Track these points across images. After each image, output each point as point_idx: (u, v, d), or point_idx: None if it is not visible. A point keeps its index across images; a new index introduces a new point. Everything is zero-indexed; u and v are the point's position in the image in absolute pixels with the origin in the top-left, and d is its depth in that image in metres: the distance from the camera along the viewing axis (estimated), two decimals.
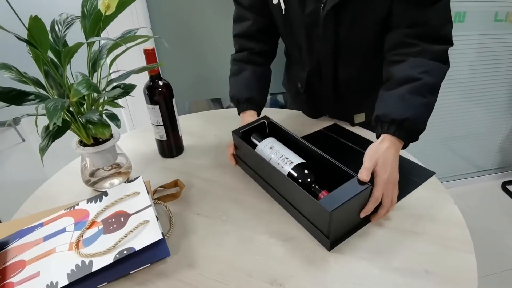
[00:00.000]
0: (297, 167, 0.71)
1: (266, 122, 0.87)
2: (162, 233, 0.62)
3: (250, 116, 0.92)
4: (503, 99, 1.89)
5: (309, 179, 0.68)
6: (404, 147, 0.75)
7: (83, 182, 0.83)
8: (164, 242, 0.62)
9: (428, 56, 0.74)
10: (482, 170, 2.12)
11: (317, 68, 0.95)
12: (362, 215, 0.67)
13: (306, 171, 0.70)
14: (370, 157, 0.68)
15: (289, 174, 0.70)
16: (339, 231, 0.66)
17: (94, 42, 0.67)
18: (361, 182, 0.65)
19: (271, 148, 0.77)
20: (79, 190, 0.84)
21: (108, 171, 0.83)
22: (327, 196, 0.63)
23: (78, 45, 0.64)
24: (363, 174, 0.66)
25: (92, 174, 0.83)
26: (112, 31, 1.18)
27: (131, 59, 1.04)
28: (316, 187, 0.67)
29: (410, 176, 0.81)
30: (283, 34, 0.98)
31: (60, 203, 0.80)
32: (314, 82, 1.00)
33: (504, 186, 2.05)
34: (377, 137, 0.74)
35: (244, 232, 0.69)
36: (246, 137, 0.84)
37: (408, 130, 0.71)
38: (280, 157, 0.74)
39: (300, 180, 0.68)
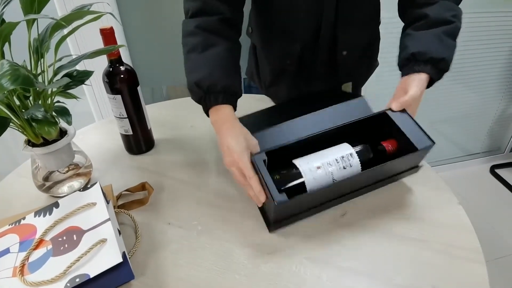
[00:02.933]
0: (361, 152, 0.64)
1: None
2: (124, 253, 0.52)
3: (225, 115, 0.66)
4: (494, 80, 1.83)
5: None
6: None
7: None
8: (127, 264, 0.51)
9: None
10: (470, 154, 2.08)
11: (314, 36, 0.85)
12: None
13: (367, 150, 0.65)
14: (417, 87, 0.67)
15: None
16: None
17: (32, 22, 0.55)
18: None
19: (318, 168, 0.61)
20: (35, 195, 0.72)
21: (64, 173, 0.71)
22: None
23: (11, 25, 0.51)
24: (399, 105, 0.66)
25: (46, 178, 0.71)
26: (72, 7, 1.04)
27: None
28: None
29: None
30: None
31: (12, 211, 0.68)
32: (307, 56, 0.89)
33: (492, 170, 2.02)
34: (404, 75, 0.71)
35: (224, 245, 0.59)
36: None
37: (441, 70, 0.70)
38: (336, 161, 0.62)
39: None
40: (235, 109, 0.68)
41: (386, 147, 0.64)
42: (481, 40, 1.68)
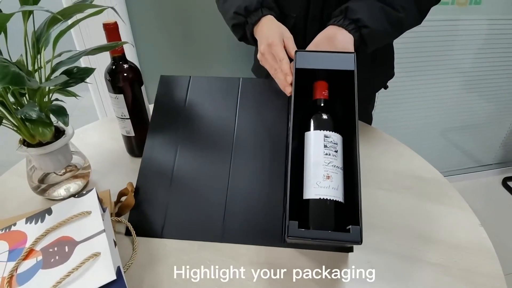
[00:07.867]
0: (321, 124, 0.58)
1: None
2: (119, 268, 0.48)
3: (266, 20, 0.71)
4: (509, 89, 1.77)
5: None
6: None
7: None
8: (121, 281, 0.47)
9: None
10: (482, 165, 2.01)
11: (304, 15, 0.81)
12: None
13: None
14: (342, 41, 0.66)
15: None
16: None
17: (29, 14, 0.51)
18: None
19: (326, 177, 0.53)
20: (29, 196, 0.69)
21: (61, 175, 0.68)
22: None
23: (4, 16, 0.47)
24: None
25: (41, 180, 0.67)
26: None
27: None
28: None
29: None
30: None
31: (4, 213, 0.65)
32: (298, 35, 0.83)
33: (505, 182, 1.96)
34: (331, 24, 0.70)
35: (226, 262, 0.55)
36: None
37: (362, 37, 0.68)
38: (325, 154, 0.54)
39: None
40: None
41: (323, 96, 0.61)
42: (496, 47, 1.62)
